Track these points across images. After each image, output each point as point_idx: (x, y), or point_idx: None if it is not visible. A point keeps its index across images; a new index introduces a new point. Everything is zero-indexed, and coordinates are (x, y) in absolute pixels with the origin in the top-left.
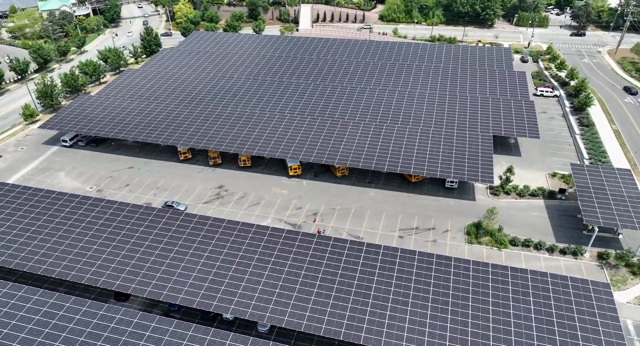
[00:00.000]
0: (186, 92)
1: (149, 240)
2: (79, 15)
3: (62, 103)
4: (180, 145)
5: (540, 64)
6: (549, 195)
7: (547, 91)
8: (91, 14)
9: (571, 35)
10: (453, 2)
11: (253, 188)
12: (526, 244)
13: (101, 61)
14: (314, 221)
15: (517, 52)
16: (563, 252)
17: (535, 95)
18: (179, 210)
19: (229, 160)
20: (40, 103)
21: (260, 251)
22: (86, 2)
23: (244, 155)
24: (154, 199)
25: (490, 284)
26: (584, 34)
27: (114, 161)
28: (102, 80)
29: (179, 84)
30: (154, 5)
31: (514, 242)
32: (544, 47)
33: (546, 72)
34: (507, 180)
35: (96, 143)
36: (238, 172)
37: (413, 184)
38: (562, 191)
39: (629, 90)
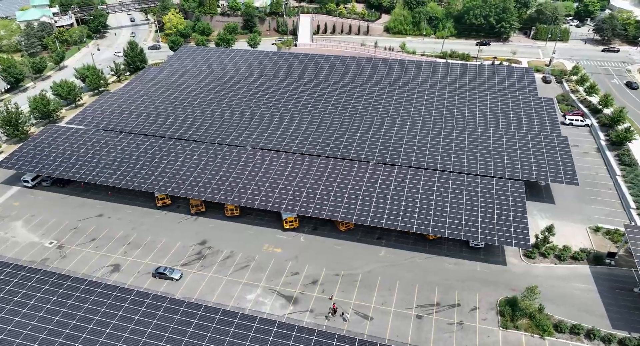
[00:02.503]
0: (167, 122)
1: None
2: (61, 26)
3: (31, 131)
4: (158, 191)
5: (565, 85)
6: (595, 259)
7: (577, 120)
8: (75, 24)
9: (603, 50)
10: (465, 13)
11: (241, 245)
12: (575, 331)
13: (79, 80)
14: (330, 298)
15: (537, 70)
16: (624, 345)
17: (563, 124)
18: (172, 279)
19: (214, 206)
20: (4, 132)
21: None
22: (69, 12)
23: (231, 204)
24: (122, 259)
25: None
26: (618, 50)
27: (81, 206)
28: (79, 102)
29: (160, 112)
30: (143, 14)
31: (559, 328)
32: (567, 64)
33: (573, 96)
34: (545, 240)
35: (62, 183)
36: (224, 222)
37: (431, 242)
38: (611, 255)
39: None
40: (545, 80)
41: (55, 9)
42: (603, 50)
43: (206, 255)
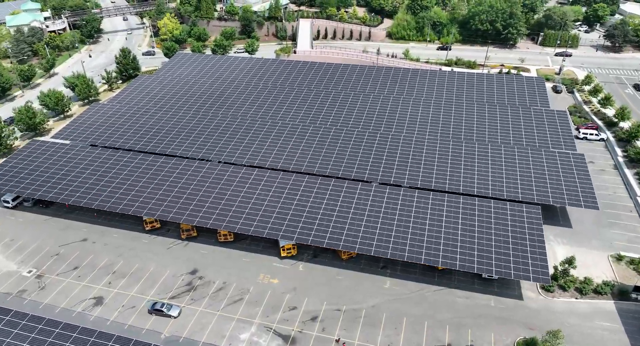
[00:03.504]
0: (158, 137)
1: None
2: (53, 31)
3: (16, 144)
4: (146, 214)
5: (577, 95)
6: (620, 293)
7: (591, 133)
8: (67, 29)
9: (556, 55)
10: (470, 19)
11: (235, 275)
12: None
13: (69, 89)
14: (338, 341)
15: (547, 79)
16: None
17: (577, 137)
18: (170, 316)
19: (206, 230)
20: None
21: None
22: (62, 16)
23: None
24: (106, 291)
25: None
26: (571, 55)
27: (64, 230)
28: (68, 113)
29: (150, 126)
30: (139, 18)
31: None
32: (577, 73)
33: (586, 107)
34: (565, 273)
35: (45, 203)
36: (217, 248)
37: (440, 271)
38: (637, 289)
39: None
40: (556, 90)
41: (47, 13)
42: (556, 55)
43: (197, 286)
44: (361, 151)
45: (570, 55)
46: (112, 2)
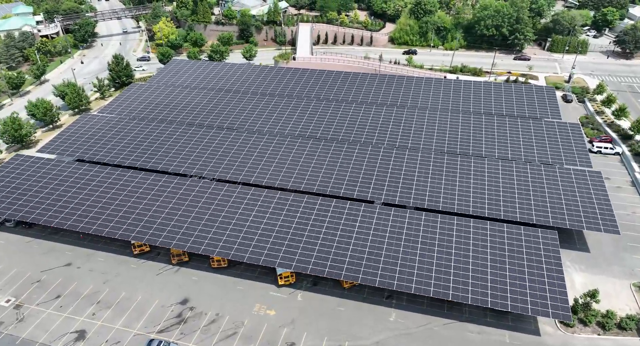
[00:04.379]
0: (147, 153)
1: None
2: (45, 36)
3: (1, 157)
4: (134, 238)
5: (589, 105)
6: None
7: (605, 147)
8: (61, 33)
9: (515, 59)
10: (476, 24)
11: (229, 305)
12: None
13: (59, 97)
14: None
15: (556, 87)
16: None
17: (590, 151)
18: None
19: (198, 255)
20: None
21: None
22: (55, 20)
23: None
24: (89, 323)
25: None
26: (529, 59)
27: (48, 253)
28: (57, 123)
29: (141, 139)
30: (135, 21)
31: None
32: (587, 80)
33: (599, 118)
34: (587, 306)
35: (28, 224)
36: (210, 275)
37: (449, 302)
38: None
39: None
40: (566, 99)
41: (40, 17)
42: (515, 59)
43: (187, 318)
44: (363, 168)
45: (529, 59)
46: (106, 4)
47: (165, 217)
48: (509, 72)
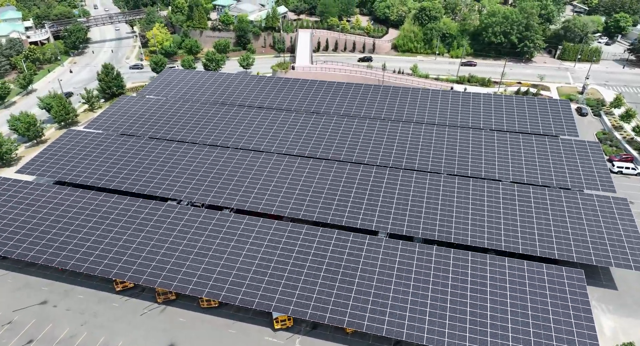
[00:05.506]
0: (134, 176)
1: None
2: (34, 43)
3: None
4: (115, 275)
5: (605, 119)
6: None
7: (627, 167)
8: (51, 39)
9: (462, 64)
10: (483, 30)
11: None
12: None
13: (45, 110)
14: None
15: (569, 99)
16: None
17: (611, 171)
18: None
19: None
20: None
21: None
22: (45, 25)
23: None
24: None
25: None
26: (475, 64)
27: (22, 288)
28: (42, 138)
29: (127, 161)
30: (129, 26)
31: None
32: (602, 91)
33: (617, 134)
34: None
35: (1, 255)
36: (199, 315)
37: None
38: None
39: None
40: (581, 113)
41: (29, 23)
42: (462, 64)
43: None
44: (367, 193)
45: (475, 65)
46: (101, 9)
47: (150, 251)
48: (519, 83)
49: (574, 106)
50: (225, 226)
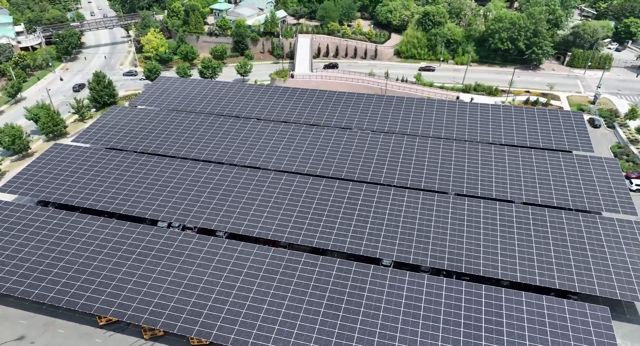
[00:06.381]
0: (121, 196)
1: None
2: (26, 48)
3: None
4: (98, 310)
5: (620, 131)
6: None
7: None
8: (43, 45)
9: (420, 69)
10: (489, 36)
11: None
12: None
13: (32, 121)
14: None
15: (580, 109)
16: None
17: (630, 190)
18: None
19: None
20: None
21: None
22: (37, 30)
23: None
24: None
25: None
26: (434, 69)
27: None
28: (29, 151)
29: (114, 179)
30: (125, 30)
31: None
32: (614, 101)
33: (634, 148)
34: None
35: None
36: None
37: None
38: None
39: None
40: (594, 124)
41: (20, 27)
42: (420, 69)
43: None
44: (370, 217)
45: (433, 70)
46: (92, 14)
47: (137, 282)
48: (528, 92)
49: (586, 117)
50: (218, 254)
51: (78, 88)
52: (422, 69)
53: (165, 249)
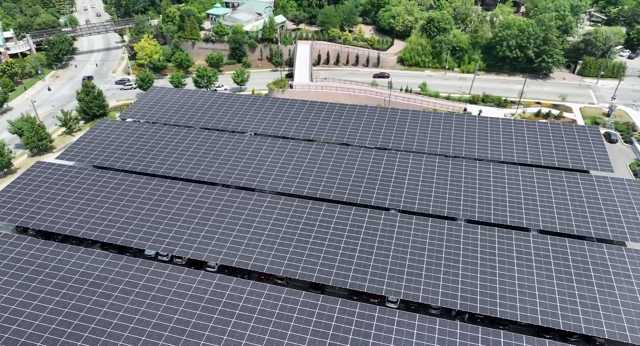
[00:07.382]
0: (105, 222)
1: None
2: (14, 55)
3: None
4: None
5: (638, 147)
6: None
7: None
8: (33, 51)
9: (374, 76)
10: (497, 44)
11: None
12: None
13: (17, 134)
14: None
15: (595, 122)
16: None
17: None
18: None
19: None
20: None
21: None
22: (27, 36)
23: None
24: None
25: None
26: (389, 76)
27: None
28: (11, 168)
29: (101, 201)
30: (119, 35)
31: None
32: (630, 113)
33: None
34: None
35: None
36: None
37: None
38: None
39: None
40: (610, 139)
41: (10, 33)
42: (374, 76)
43: None
44: (375, 249)
45: (388, 77)
46: (88, 22)
47: (117, 325)
48: (538, 103)
49: (601, 131)
50: (208, 292)
51: (87, 80)
52: (376, 76)
53: (151, 285)
